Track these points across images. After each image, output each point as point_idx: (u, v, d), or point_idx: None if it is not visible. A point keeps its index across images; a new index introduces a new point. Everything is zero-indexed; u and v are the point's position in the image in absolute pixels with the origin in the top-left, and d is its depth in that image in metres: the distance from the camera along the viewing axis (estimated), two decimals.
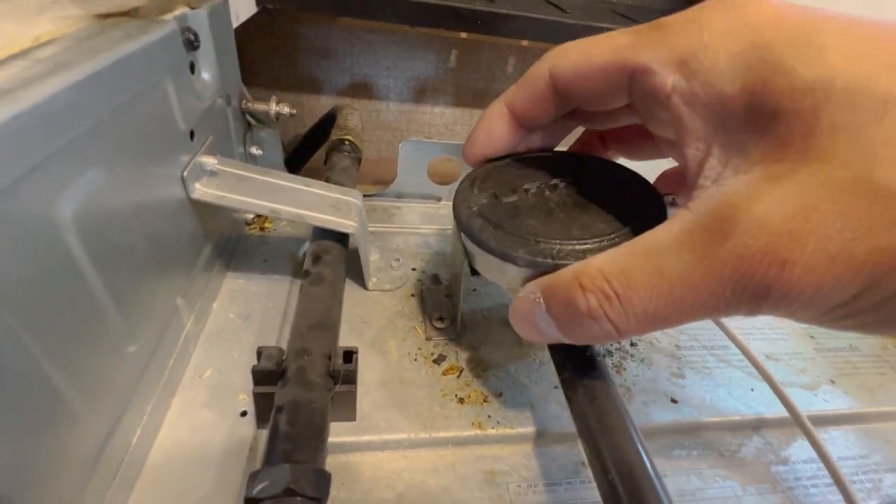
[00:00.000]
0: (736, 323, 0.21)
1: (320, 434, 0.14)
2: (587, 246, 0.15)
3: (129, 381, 0.15)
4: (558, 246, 0.15)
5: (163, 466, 0.16)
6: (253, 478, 0.12)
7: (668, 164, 0.19)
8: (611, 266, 0.12)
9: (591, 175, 0.18)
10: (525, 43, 0.41)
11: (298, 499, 0.12)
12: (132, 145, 0.15)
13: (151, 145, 0.16)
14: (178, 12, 0.18)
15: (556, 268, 0.14)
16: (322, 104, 0.41)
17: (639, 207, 0.16)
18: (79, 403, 0.12)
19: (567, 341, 0.13)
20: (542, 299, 0.13)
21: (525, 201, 0.17)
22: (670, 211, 0.16)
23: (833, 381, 0.23)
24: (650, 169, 0.19)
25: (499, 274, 0.16)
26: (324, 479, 0.13)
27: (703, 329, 0.24)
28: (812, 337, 0.25)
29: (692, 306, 0.11)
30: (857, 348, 0.25)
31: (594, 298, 0.12)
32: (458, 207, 0.17)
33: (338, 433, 0.17)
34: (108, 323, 0.14)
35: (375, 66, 0.41)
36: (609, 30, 0.30)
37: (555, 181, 0.18)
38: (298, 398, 0.15)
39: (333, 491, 0.13)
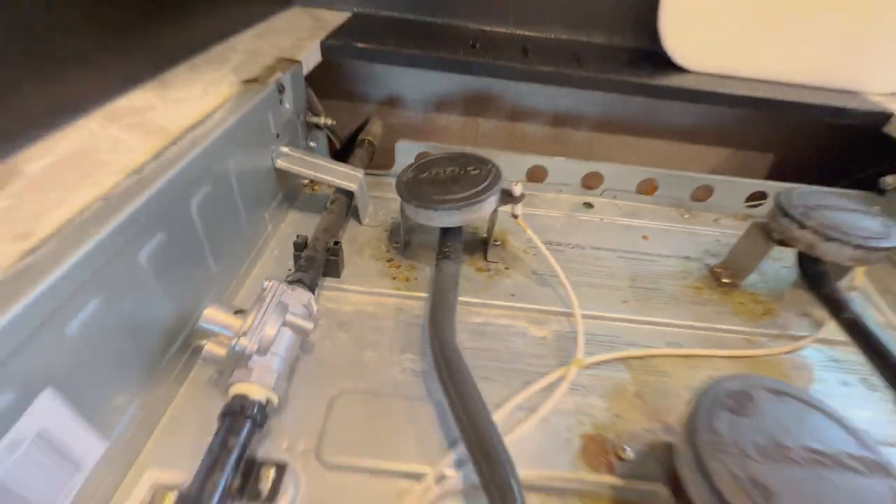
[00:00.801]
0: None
1: (317, 275, 0.33)
2: (450, 197, 0.32)
3: (244, 253, 0.35)
4: (437, 198, 0.33)
5: None
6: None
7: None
8: None
9: (467, 164, 0.35)
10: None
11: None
12: (251, 142, 0.34)
13: (259, 141, 0.35)
14: (275, 77, 0.37)
15: (434, 203, 0.32)
16: (366, 110, 0.60)
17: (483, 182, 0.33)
18: (214, 269, 0.32)
19: None
20: None
21: (429, 178, 0.35)
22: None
23: None
24: None
25: (412, 213, 0.34)
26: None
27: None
28: None
29: None
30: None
31: None
32: (398, 181, 0.35)
33: (328, 283, 0.36)
34: (242, 228, 0.33)
35: (405, 84, 0.59)
36: (567, 77, 0.45)
37: (448, 168, 0.35)
38: (311, 256, 0.33)
39: (326, 304, 0.32)
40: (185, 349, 0.28)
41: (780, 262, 0.42)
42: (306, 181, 0.46)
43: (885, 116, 0.45)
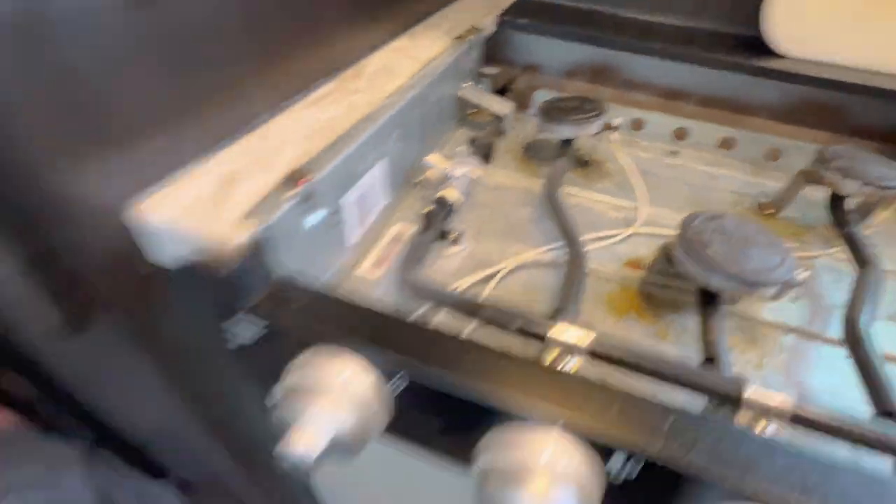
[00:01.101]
0: None
1: (486, 152, 0.54)
2: (568, 117, 0.52)
3: (440, 139, 0.58)
4: (558, 116, 0.52)
5: None
6: None
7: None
8: None
9: (585, 102, 0.54)
10: None
11: None
12: (452, 77, 0.57)
13: (456, 77, 0.58)
14: (469, 37, 0.59)
15: (554, 119, 0.52)
16: (512, 73, 0.80)
17: None
18: (426, 142, 0.55)
19: None
20: None
21: (559, 106, 0.54)
22: None
23: None
24: None
25: (543, 128, 0.54)
26: None
27: None
28: None
29: None
30: None
31: None
32: (539, 104, 0.55)
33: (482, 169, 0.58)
34: (442, 126, 0.56)
35: (543, 55, 0.77)
36: (730, 63, 0.61)
37: (575, 103, 0.54)
38: (479, 143, 0.55)
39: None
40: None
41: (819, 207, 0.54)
42: (471, 112, 0.68)
43: None
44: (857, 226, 0.47)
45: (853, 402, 0.33)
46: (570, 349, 0.29)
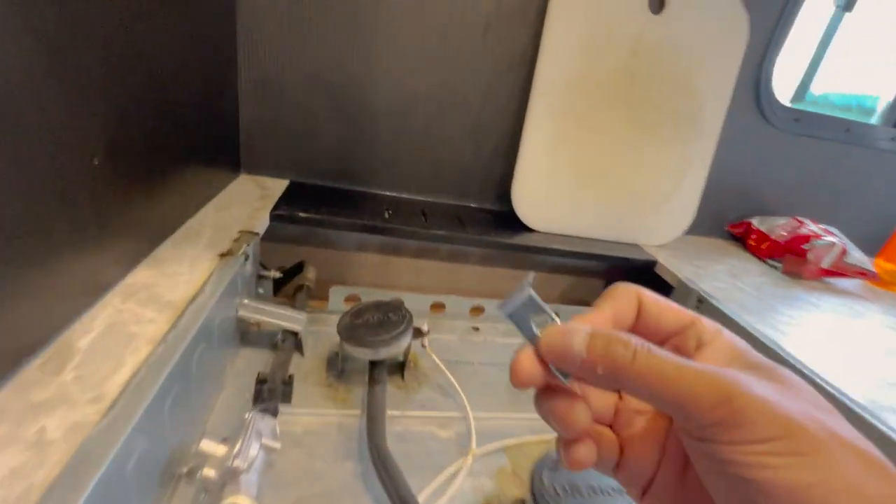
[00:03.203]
0: None
1: (277, 402, 0.43)
2: (379, 339, 0.46)
3: (215, 390, 0.44)
4: (370, 339, 0.46)
5: None
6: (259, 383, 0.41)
7: None
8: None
9: (388, 310, 0.50)
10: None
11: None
12: (226, 301, 0.45)
13: (230, 298, 0.46)
14: (242, 249, 0.49)
15: (367, 344, 0.45)
16: (299, 251, 0.73)
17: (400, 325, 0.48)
18: (196, 408, 0.41)
19: (577, 371, 0.17)
20: (587, 335, 0.17)
21: (362, 323, 0.48)
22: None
23: None
24: None
25: (350, 350, 0.47)
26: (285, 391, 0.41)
27: None
28: None
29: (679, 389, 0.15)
30: None
31: (630, 349, 0.16)
32: (339, 326, 0.48)
33: (282, 409, 0.45)
34: (216, 370, 0.43)
35: (332, 233, 0.74)
36: (455, 237, 0.64)
37: (375, 315, 0.49)
38: (271, 389, 0.43)
39: (282, 426, 0.42)
40: (172, 477, 0.36)
41: None
42: (254, 321, 0.57)
43: (653, 262, 0.71)
44: None
45: None
46: None
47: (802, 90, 0.87)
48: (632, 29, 0.66)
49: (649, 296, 0.20)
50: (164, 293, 0.39)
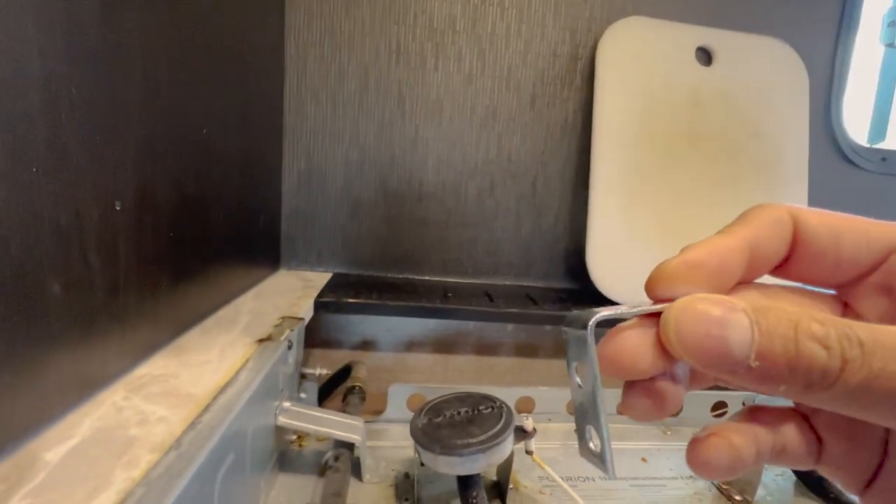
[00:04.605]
0: None
1: None
2: (473, 441, 0.32)
3: None
4: (461, 442, 0.32)
5: None
6: None
7: None
8: (855, 332, 0.10)
9: (476, 403, 0.36)
10: None
11: None
12: (264, 401, 0.33)
13: (269, 399, 0.35)
14: (285, 335, 0.39)
15: (456, 450, 0.31)
16: (340, 356, 0.62)
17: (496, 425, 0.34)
18: None
19: (737, 380, 0.11)
20: (755, 324, 0.10)
21: (445, 422, 0.35)
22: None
23: None
24: None
25: (432, 461, 0.33)
26: None
27: None
28: None
29: None
30: None
31: (833, 331, 0.10)
32: (412, 427, 0.35)
33: None
34: (247, 500, 0.30)
35: (379, 331, 0.63)
36: (528, 315, 0.53)
37: (461, 409, 0.36)
38: None
39: None
40: None
41: (772, 471, 0.44)
42: (293, 437, 0.43)
43: None
44: (842, 492, 0.37)
45: None
46: None
47: (879, 129, 0.81)
48: (686, 82, 0.63)
49: (812, 214, 0.13)
50: (183, 386, 0.28)
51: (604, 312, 0.13)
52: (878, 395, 0.09)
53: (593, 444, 0.14)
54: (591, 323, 0.13)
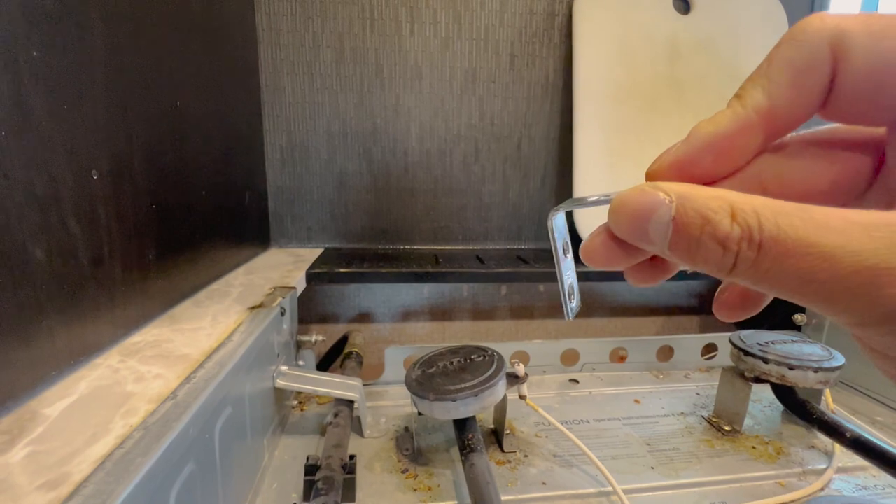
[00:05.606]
0: None
1: (339, 497, 0.29)
2: (465, 385, 0.33)
3: (248, 484, 0.31)
4: (453, 388, 0.33)
5: None
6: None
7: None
8: (766, 209, 0.10)
9: (468, 353, 0.37)
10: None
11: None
12: (260, 364, 0.34)
13: (265, 362, 0.35)
14: (277, 301, 0.40)
15: (449, 395, 0.32)
16: (337, 329, 0.63)
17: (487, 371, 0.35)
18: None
19: (663, 256, 0.12)
20: (673, 203, 0.11)
21: (438, 371, 0.36)
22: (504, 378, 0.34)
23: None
24: None
25: (427, 408, 0.34)
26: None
27: None
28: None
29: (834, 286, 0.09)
30: None
31: (738, 230, 0.10)
32: (407, 379, 0.36)
33: None
34: (249, 456, 0.31)
35: (375, 301, 0.64)
36: (519, 274, 0.53)
37: (453, 360, 0.37)
38: (328, 477, 0.30)
39: None
40: None
41: (760, 403, 0.45)
42: (294, 403, 0.44)
43: None
44: (827, 413, 0.38)
45: None
46: None
47: None
48: (665, 32, 0.63)
49: (864, 41, 0.11)
50: (177, 349, 0.29)
51: (562, 205, 0.15)
52: (767, 287, 0.10)
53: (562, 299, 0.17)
54: (549, 214, 0.16)
